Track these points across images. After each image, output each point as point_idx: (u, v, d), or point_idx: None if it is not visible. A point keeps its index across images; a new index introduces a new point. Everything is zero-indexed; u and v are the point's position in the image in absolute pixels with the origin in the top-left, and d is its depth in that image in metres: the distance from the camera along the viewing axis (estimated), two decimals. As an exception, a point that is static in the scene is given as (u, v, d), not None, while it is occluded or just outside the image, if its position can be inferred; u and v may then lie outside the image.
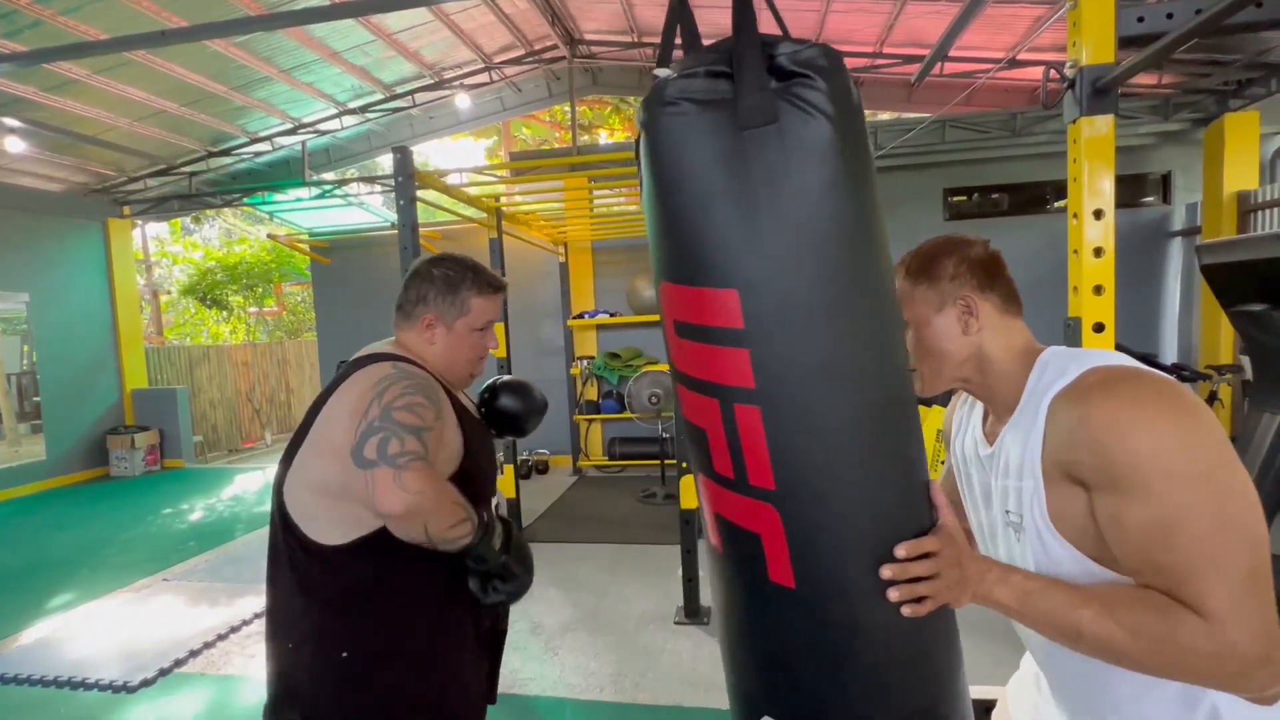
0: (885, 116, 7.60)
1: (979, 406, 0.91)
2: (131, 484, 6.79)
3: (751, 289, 0.67)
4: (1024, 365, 0.80)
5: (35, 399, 6.86)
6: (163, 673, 2.73)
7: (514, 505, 4.44)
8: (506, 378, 1.35)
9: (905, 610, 0.68)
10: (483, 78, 7.00)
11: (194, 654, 2.88)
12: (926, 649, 0.74)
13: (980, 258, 0.83)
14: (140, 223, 9.86)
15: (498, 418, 1.29)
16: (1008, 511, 0.81)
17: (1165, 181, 5.96)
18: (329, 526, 1.02)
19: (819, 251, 0.67)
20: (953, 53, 5.27)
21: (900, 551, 0.68)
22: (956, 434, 0.96)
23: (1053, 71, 1.95)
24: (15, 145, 5.60)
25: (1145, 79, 5.63)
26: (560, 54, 6.75)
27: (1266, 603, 0.63)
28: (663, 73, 0.72)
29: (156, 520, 5.31)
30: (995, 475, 0.83)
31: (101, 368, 7.31)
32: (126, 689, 2.61)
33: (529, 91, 7.63)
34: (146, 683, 2.65)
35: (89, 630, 3.21)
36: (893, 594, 0.68)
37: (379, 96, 6.88)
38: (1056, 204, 6.11)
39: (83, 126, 5.88)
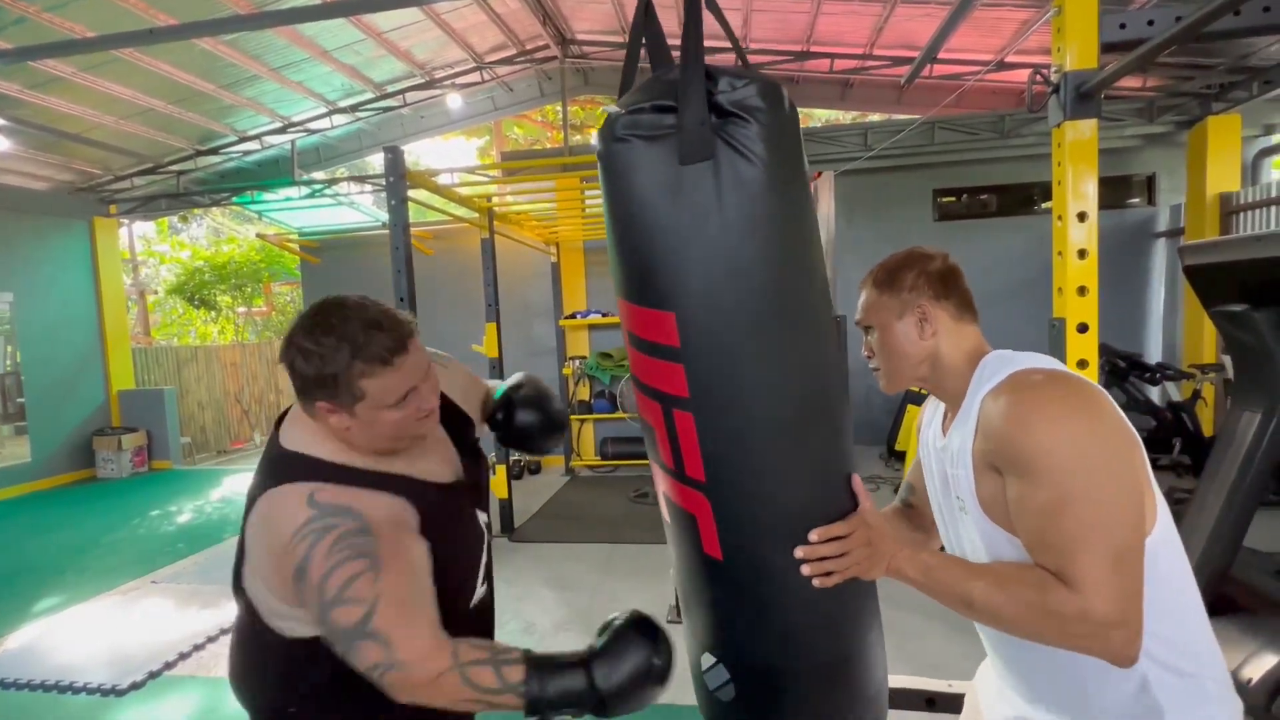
0: (876, 118, 7.65)
1: (941, 404, 1.01)
2: (119, 486, 6.73)
3: (686, 312, 0.76)
4: (971, 366, 0.91)
5: (19, 400, 6.78)
6: (152, 676, 2.71)
7: (506, 505, 4.44)
8: (526, 391, 1.14)
9: (815, 582, 0.82)
10: (474, 77, 6.98)
11: (183, 657, 2.86)
12: (835, 613, 0.87)
13: (938, 270, 0.93)
14: (127, 222, 9.76)
15: (513, 436, 1.13)
16: (958, 497, 0.92)
17: (1150, 183, 6.04)
18: (290, 620, 0.87)
19: (746, 280, 0.75)
20: (942, 55, 5.31)
21: (812, 536, 0.81)
22: (925, 428, 1.06)
23: (1037, 75, 1.98)
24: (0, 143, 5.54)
25: (1130, 82, 5.71)
26: (552, 54, 6.75)
27: (1129, 577, 0.74)
28: (613, 109, 0.78)
29: (144, 522, 5.26)
30: (945, 464, 0.95)
31: (87, 368, 7.23)
32: (115, 692, 2.59)
33: (521, 91, 7.62)
34: (136, 686, 2.63)
35: (76, 634, 3.18)
36: (805, 569, 0.81)
37: (369, 95, 6.85)
38: (1044, 205, 6.17)
39: (68, 124, 5.82)
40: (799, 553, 0.80)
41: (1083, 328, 1.86)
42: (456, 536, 0.93)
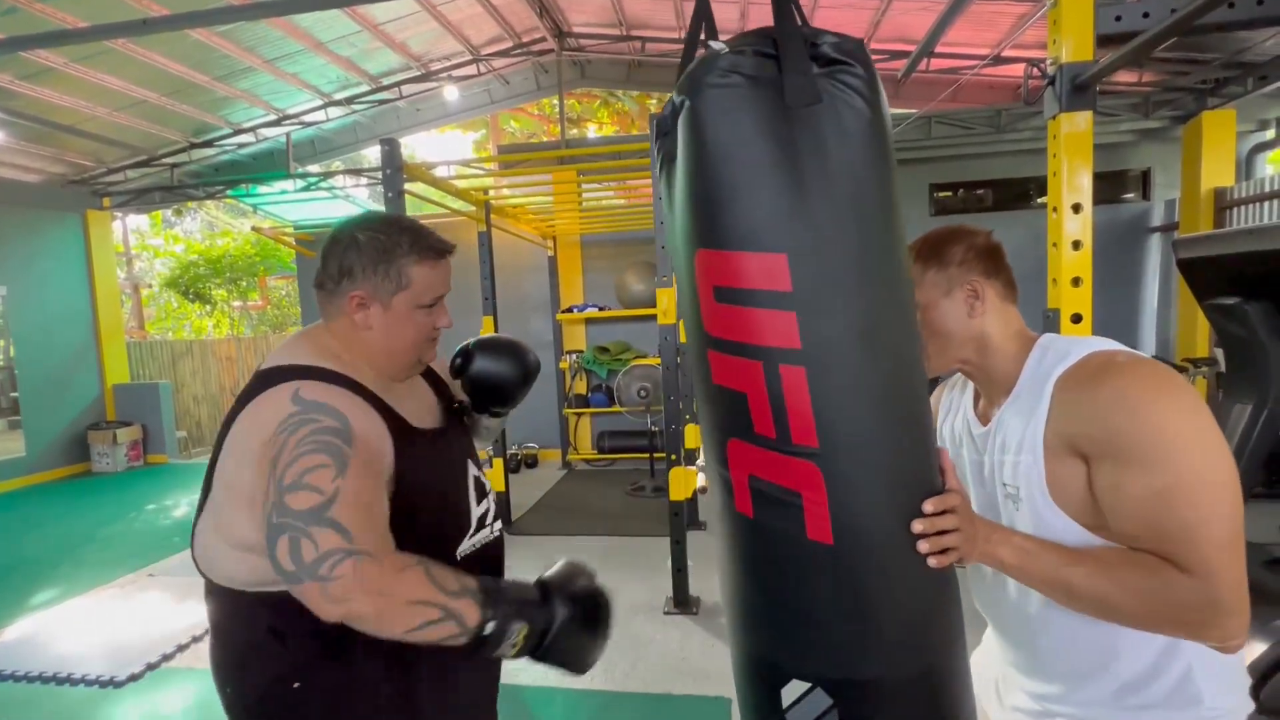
0: (872, 112, 7.64)
1: (969, 391, 0.96)
2: (114, 480, 6.71)
3: (800, 254, 0.71)
4: (1021, 349, 0.86)
5: (13, 394, 6.76)
6: (150, 668, 2.71)
7: (504, 498, 4.45)
8: (486, 336, 1.14)
9: (931, 561, 0.73)
10: (470, 70, 6.95)
11: (181, 649, 2.87)
12: (941, 607, 0.79)
13: (986, 246, 0.90)
14: (120, 215, 9.70)
15: (475, 386, 1.09)
16: (1004, 484, 0.87)
17: (1145, 178, 6.06)
18: (237, 569, 0.87)
19: (861, 222, 0.73)
20: (939, 49, 5.31)
21: (928, 507, 0.73)
22: (944, 418, 1.01)
23: (1034, 69, 1.99)
24: (-9, 135, 5.49)
25: (1126, 77, 5.72)
26: (549, 47, 6.72)
27: (1241, 563, 0.72)
28: (717, 45, 0.75)
29: (140, 516, 5.25)
30: (990, 452, 0.89)
31: (82, 362, 7.20)
32: (114, 684, 2.60)
33: (517, 84, 7.58)
34: (134, 678, 2.64)
35: (74, 626, 3.18)
36: (923, 545, 0.73)
37: (365, 88, 6.81)
38: (1040, 199, 6.19)
39: (60, 116, 5.77)
40: (918, 526, 0.73)
41: (1076, 318, 1.88)
42: (436, 478, 0.94)
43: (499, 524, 1.08)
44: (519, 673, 2.60)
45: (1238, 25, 1.83)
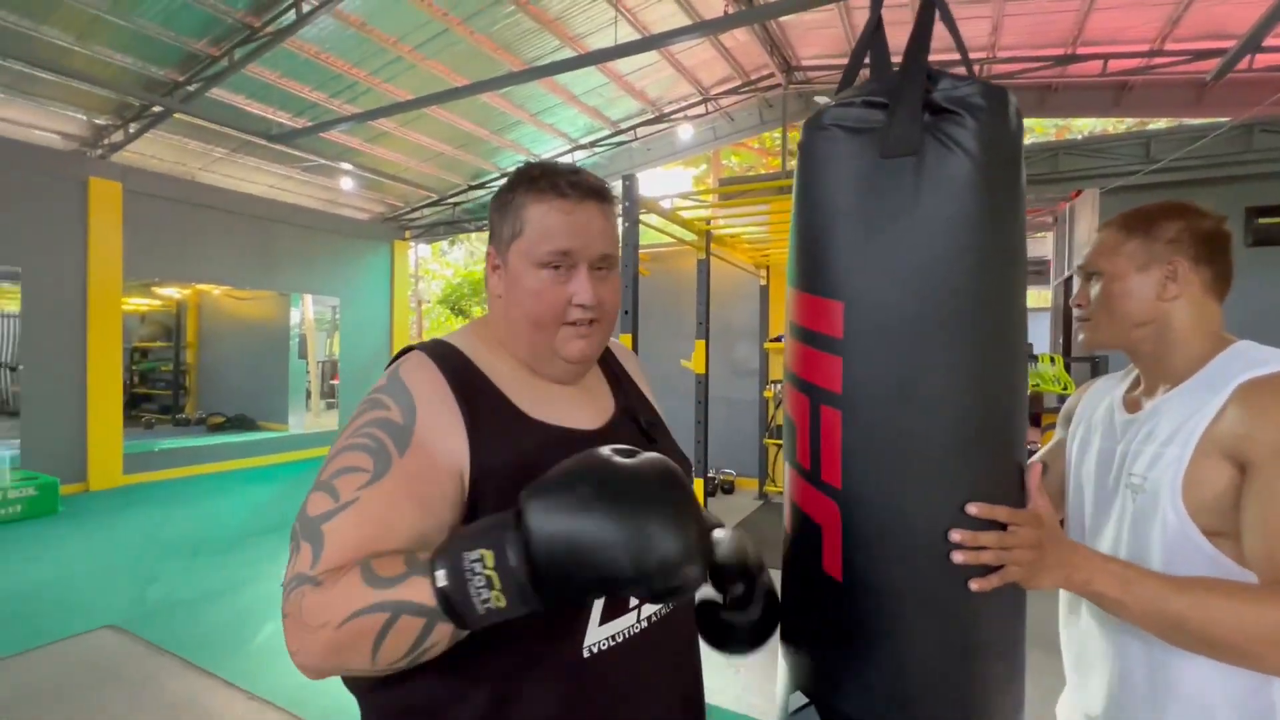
0: (1162, 124, 6.41)
1: (1127, 381, 0.91)
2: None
3: (856, 303, 0.73)
4: (1210, 346, 0.80)
5: (333, 381, 8.80)
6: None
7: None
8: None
9: (972, 584, 0.69)
10: (699, 110, 7.39)
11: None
12: (965, 665, 0.73)
13: (1207, 231, 0.81)
14: (414, 244, 12.13)
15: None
16: (1131, 474, 0.81)
17: None
18: None
19: (929, 280, 0.71)
20: (1267, 42, 4.29)
21: (972, 509, 0.69)
22: (1096, 399, 0.94)
23: None
24: (347, 184, 7.29)
25: None
26: (775, 82, 6.87)
27: None
28: (822, 100, 0.79)
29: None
30: (1129, 439, 0.83)
31: (378, 363, 9.12)
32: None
33: (741, 120, 7.86)
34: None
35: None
36: (957, 556, 0.69)
37: (606, 132, 7.64)
38: None
39: (386, 168, 7.46)
40: (955, 535, 0.68)
41: None
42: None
43: (664, 606, 0.73)
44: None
45: None
